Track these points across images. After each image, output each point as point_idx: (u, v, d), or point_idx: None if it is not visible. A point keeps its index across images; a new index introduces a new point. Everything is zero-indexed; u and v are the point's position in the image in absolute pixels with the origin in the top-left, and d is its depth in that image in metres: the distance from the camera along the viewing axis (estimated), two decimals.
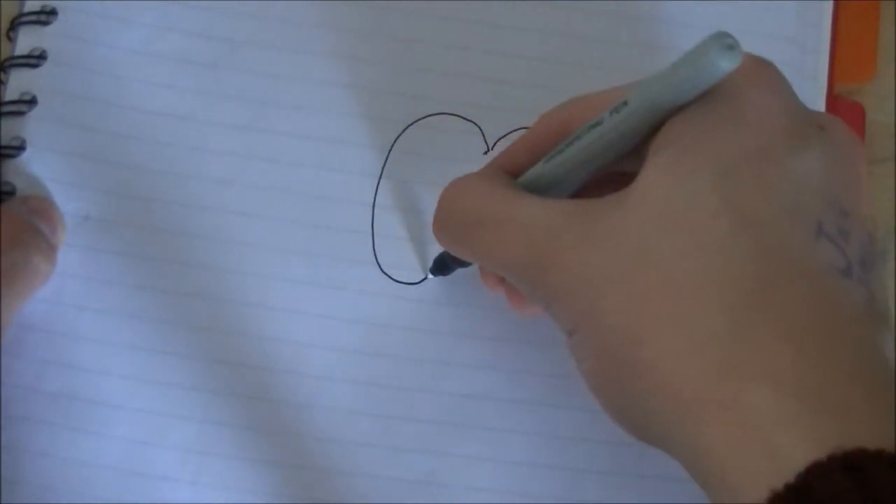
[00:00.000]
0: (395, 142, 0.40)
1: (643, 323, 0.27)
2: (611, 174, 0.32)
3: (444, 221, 0.34)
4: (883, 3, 0.43)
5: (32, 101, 0.40)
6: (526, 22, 0.41)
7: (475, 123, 0.40)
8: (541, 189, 0.32)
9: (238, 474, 0.37)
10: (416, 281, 0.39)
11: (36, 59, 0.40)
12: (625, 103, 0.29)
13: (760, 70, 0.30)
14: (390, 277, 0.39)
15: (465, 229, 0.33)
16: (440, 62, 0.41)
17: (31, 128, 0.40)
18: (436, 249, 0.39)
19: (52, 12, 0.40)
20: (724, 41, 0.27)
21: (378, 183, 0.40)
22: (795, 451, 0.24)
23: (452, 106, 0.40)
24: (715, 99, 0.28)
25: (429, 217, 0.39)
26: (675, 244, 0.27)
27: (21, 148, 0.39)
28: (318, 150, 0.40)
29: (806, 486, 0.23)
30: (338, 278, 0.39)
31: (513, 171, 0.34)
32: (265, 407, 0.38)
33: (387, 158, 0.40)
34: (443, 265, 0.38)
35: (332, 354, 0.38)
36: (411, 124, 0.40)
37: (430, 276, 0.39)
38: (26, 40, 0.40)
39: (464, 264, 0.37)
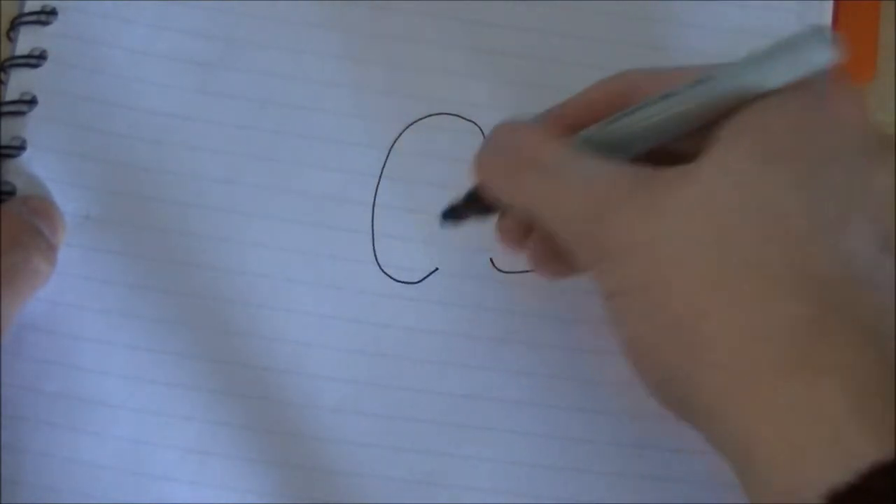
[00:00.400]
0: (394, 141, 0.40)
1: (713, 299, 0.27)
2: (659, 152, 0.32)
3: (495, 154, 0.33)
4: (883, 3, 0.42)
5: (33, 101, 0.40)
6: (525, 21, 0.41)
7: (475, 123, 0.40)
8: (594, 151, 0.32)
9: (238, 474, 0.37)
10: (416, 280, 0.39)
11: (36, 59, 0.40)
12: (710, 77, 0.29)
13: (847, 81, 0.30)
14: (390, 277, 0.39)
15: (517, 168, 0.32)
16: (440, 62, 0.41)
17: (32, 128, 0.39)
18: (434, 251, 0.39)
19: (52, 12, 0.40)
20: (824, 35, 0.27)
21: (378, 182, 0.39)
22: (859, 448, 0.24)
23: (452, 106, 0.40)
24: (804, 94, 0.29)
25: (429, 216, 0.39)
26: (757, 231, 0.27)
27: (21, 148, 0.39)
28: (317, 149, 0.40)
29: (867, 486, 0.24)
30: (338, 278, 0.39)
31: (562, 129, 0.33)
32: (265, 406, 0.37)
33: (387, 158, 0.40)
34: (458, 212, 0.36)
35: (331, 354, 0.38)
36: (411, 124, 0.40)
37: (441, 221, 0.37)
38: (26, 40, 0.40)
39: (484, 212, 0.36)
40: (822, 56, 0.27)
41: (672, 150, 0.31)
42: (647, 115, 0.30)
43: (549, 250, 0.35)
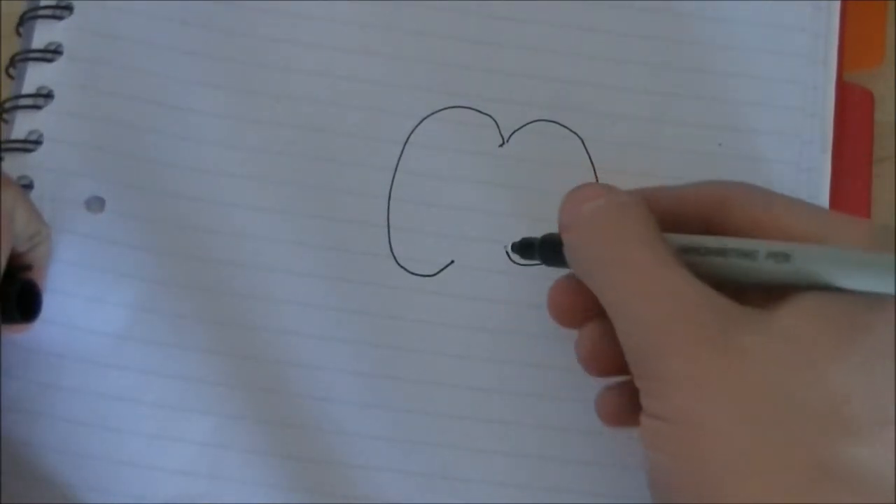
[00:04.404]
0: (410, 135, 0.38)
1: (742, 463, 0.26)
2: None
3: (586, 237, 0.31)
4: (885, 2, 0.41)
5: (49, 96, 0.38)
6: (540, 15, 0.39)
7: (490, 116, 0.39)
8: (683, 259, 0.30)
9: (255, 468, 0.35)
10: (432, 273, 0.37)
11: (52, 54, 0.38)
12: (787, 258, 0.28)
13: None
14: (406, 270, 0.37)
15: (606, 262, 0.30)
16: (455, 55, 0.39)
17: (48, 122, 0.38)
18: (450, 243, 0.37)
19: (67, 7, 0.39)
20: None
21: (394, 176, 0.38)
22: None
23: (467, 99, 0.38)
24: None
25: (444, 209, 0.38)
26: (810, 405, 0.26)
27: (38, 142, 0.38)
28: (334, 143, 0.38)
29: None
30: (354, 271, 0.37)
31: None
32: (281, 400, 0.36)
33: (402, 151, 0.38)
34: (528, 251, 0.35)
35: (347, 347, 0.36)
36: (427, 117, 0.38)
37: (509, 252, 0.37)
38: (42, 35, 0.39)
39: (554, 265, 0.33)
40: None
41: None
42: (731, 265, 0.29)
43: (605, 346, 0.32)
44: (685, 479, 0.27)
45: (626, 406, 0.33)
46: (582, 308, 0.33)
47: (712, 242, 0.29)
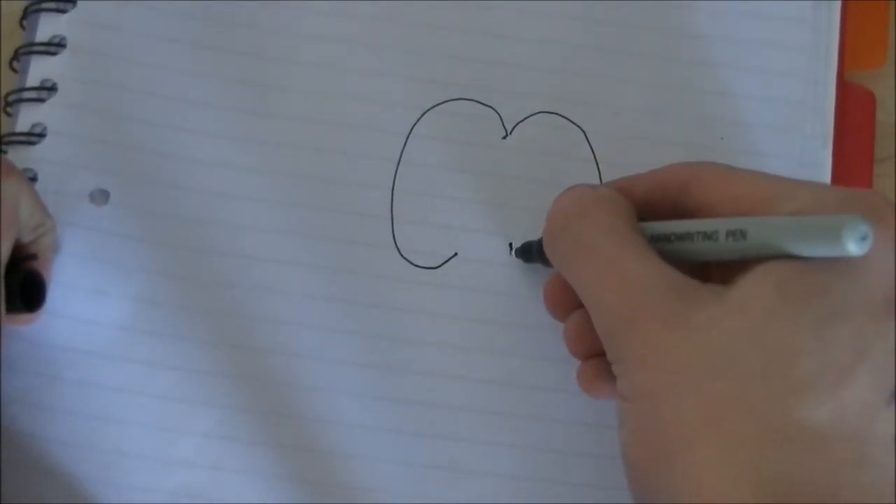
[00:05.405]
0: (413, 127, 0.38)
1: (699, 432, 0.26)
2: None
3: (557, 232, 0.32)
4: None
5: (52, 89, 0.38)
6: (542, 7, 0.39)
7: (493, 109, 0.38)
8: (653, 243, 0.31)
9: (259, 459, 0.35)
10: (436, 265, 0.37)
11: (55, 47, 0.38)
12: (743, 235, 0.28)
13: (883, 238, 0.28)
14: (409, 262, 0.37)
15: (575, 251, 0.31)
16: (458, 48, 0.39)
17: (52, 114, 0.38)
18: (453, 235, 0.37)
19: (71, 0, 0.39)
20: (859, 230, 0.25)
21: (397, 168, 0.38)
22: None
23: (470, 91, 0.38)
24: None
25: (447, 201, 0.38)
26: (762, 367, 0.26)
27: (42, 135, 0.37)
28: (337, 135, 0.38)
29: None
30: (357, 263, 0.37)
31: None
32: (285, 392, 0.36)
33: (405, 143, 0.38)
34: (529, 254, 0.36)
35: (350, 339, 0.36)
36: (429, 109, 0.38)
37: (513, 254, 0.37)
38: (45, 28, 0.38)
39: (550, 264, 0.34)
40: (856, 247, 0.25)
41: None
42: (697, 247, 0.29)
43: (588, 332, 0.33)
44: (644, 453, 0.28)
45: (601, 372, 0.33)
46: (571, 302, 0.34)
47: (678, 227, 0.30)
